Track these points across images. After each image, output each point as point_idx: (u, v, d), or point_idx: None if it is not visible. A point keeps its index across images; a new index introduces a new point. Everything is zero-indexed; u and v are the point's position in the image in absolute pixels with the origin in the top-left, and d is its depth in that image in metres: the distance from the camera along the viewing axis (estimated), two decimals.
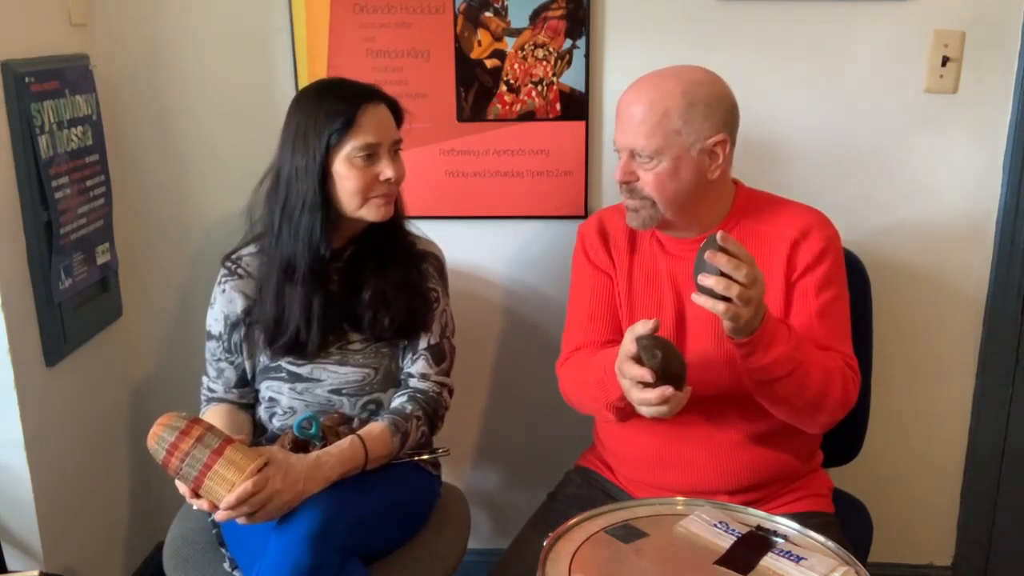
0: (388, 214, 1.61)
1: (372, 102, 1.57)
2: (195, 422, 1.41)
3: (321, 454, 1.50)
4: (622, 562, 1.25)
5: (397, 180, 1.59)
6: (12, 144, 1.68)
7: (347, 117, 1.53)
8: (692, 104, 1.47)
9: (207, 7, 2.02)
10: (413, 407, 1.62)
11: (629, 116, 1.49)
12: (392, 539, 1.64)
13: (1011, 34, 1.92)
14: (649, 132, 1.47)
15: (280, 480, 1.41)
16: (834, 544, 1.27)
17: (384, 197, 1.59)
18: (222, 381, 1.70)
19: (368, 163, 1.56)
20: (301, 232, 1.57)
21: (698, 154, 1.49)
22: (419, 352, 1.67)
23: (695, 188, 1.52)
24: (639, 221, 1.55)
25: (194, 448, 1.38)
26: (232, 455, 1.40)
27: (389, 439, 1.56)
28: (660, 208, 1.52)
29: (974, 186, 2.00)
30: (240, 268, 1.67)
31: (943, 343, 2.10)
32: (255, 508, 1.39)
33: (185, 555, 1.64)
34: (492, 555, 1.74)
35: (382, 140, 1.56)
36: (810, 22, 1.94)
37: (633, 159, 1.51)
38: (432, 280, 1.70)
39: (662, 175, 1.49)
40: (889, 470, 2.17)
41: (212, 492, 1.40)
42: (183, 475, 1.40)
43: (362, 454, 1.53)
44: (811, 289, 1.52)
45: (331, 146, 1.54)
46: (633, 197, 1.53)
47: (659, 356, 1.32)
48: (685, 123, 1.47)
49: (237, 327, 1.67)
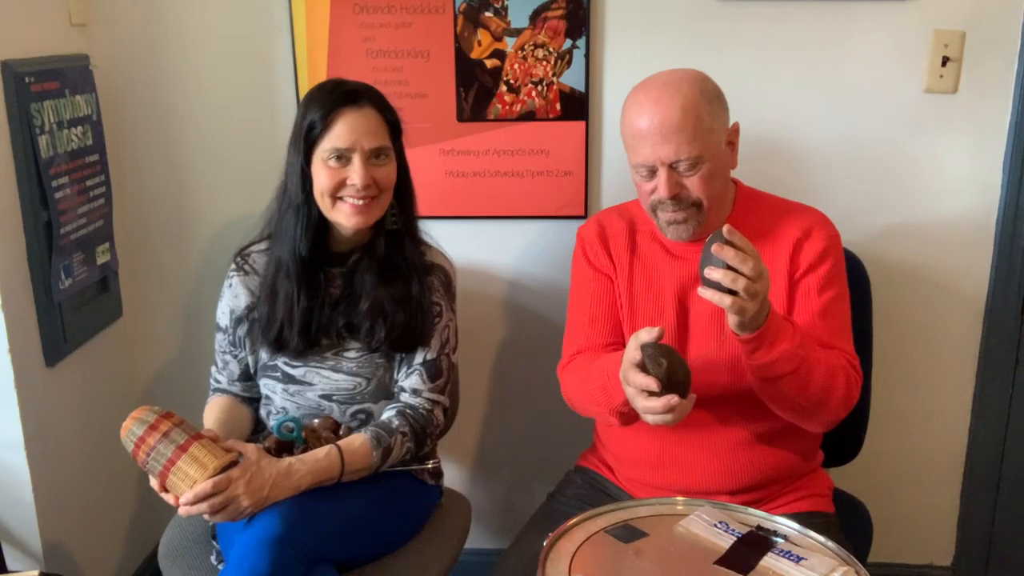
0: (361, 223, 1.58)
1: (354, 105, 1.55)
2: (165, 417, 1.41)
3: (294, 461, 1.48)
4: (622, 562, 1.25)
5: (365, 186, 1.54)
6: (12, 144, 1.68)
7: (323, 117, 1.54)
8: (710, 100, 1.48)
9: (207, 7, 2.02)
10: (400, 422, 1.59)
11: (660, 127, 1.45)
12: (374, 547, 1.62)
13: (1011, 34, 1.92)
14: (690, 138, 1.45)
15: (243, 485, 1.41)
16: (834, 544, 1.27)
17: (354, 204, 1.56)
18: (226, 373, 1.71)
19: (339, 165, 1.55)
20: (286, 231, 1.59)
21: (725, 147, 1.51)
22: (414, 366, 1.65)
23: (725, 184, 1.54)
24: (688, 231, 1.53)
25: (160, 443, 1.39)
26: (197, 452, 1.39)
27: (369, 452, 1.54)
28: (705, 211, 1.51)
29: (974, 186, 2.00)
30: (248, 264, 1.68)
31: (943, 343, 2.10)
32: (214, 509, 1.39)
33: (179, 548, 1.66)
34: (492, 555, 1.74)
35: (353, 145, 1.54)
36: (810, 22, 1.94)
37: (673, 170, 1.48)
38: (436, 294, 1.67)
39: (705, 177, 1.48)
40: (889, 470, 2.17)
41: (175, 487, 1.40)
42: (149, 469, 1.41)
43: (338, 466, 1.51)
44: (814, 288, 1.53)
45: (310, 145, 1.56)
46: (680, 208, 1.51)
47: (664, 364, 1.31)
48: (713, 120, 1.48)
49: (241, 322, 1.68)
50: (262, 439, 1.60)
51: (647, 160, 1.48)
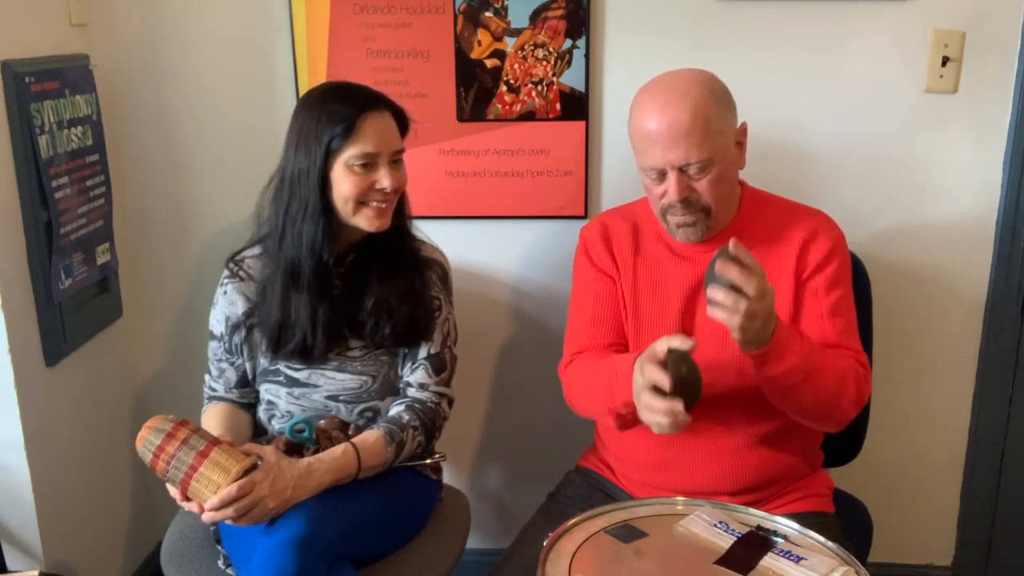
0: (383, 225, 1.58)
1: (375, 110, 1.55)
2: (182, 424, 1.41)
3: (313, 461, 1.49)
4: (622, 562, 1.25)
5: (394, 190, 1.56)
6: (12, 144, 1.68)
7: (348, 123, 1.52)
8: (719, 102, 1.47)
9: (207, 7, 2.02)
10: (410, 417, 1.61)
11: (669, 131, 1.45)
12: (385, 544, 1.63)
13: (1011, 34, 1.92)
14: (700, 141, 1.44)
15: (267, 486, 1.41)
16: (834, 544, 1.27)
17: (378, 207, 1.56)
18: (223, 381, 1.70)
19: (365, 171, 1.54)
20: (304, 238, 1.56)
21: (734, 148, 1.51)
22: (419, 361, 1.66)
23: (734, 185, 1.54)
24: (697, 234, 1.53)
25: (179, 451, 1.38)
26: (218, 457, 1.39)
27: (384, 448, 1.55)
28: (714, 214, 1.51)
29: (974, 186, 2.00)
30: (242, 270, 1.67)
31: (943, 343, 2.10)
32: (240, 512, 1.39)
33: (182, 551, 1.65)
34: (492, 555, 1.74)
35: (382, 150, 1.54)
36: (810, 22, 1.94)
37: (683, 174, 1.47)
38: (435, 288, 1.68)
39: (715, 180, 1.48)
40: (889, 470, 2.17)
41: (198, 494, 1.40)
42: (170, 478, 1.40)
43: (355, 463, 1.52)
44: (821, 288, 1.53)
45: (331, 151, 1.53)
46: (689, 211, 1.50)
47: (684, 372, 1.32)
48: (722, 121, 1.47)
49: (238, 329, 1.67)
50: (265, 442, 1.60)
51: (657, 163, 1.48)
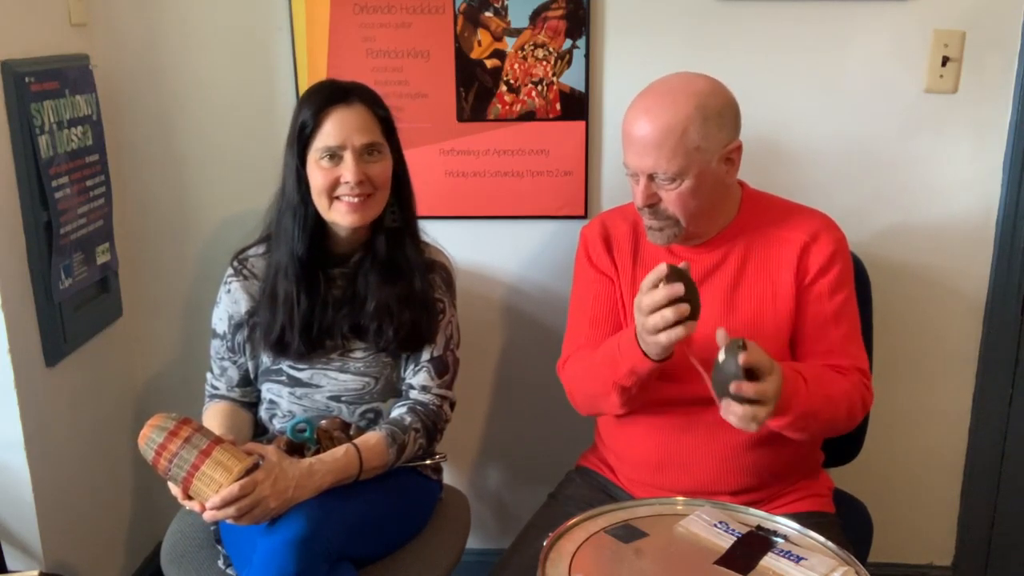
0: (357, 221, 1.57)
1: (343, 103, 1.55)
2: (184, 423, 1.41)
3: (314, 462, 1.49)
4: (622, 562, 1.25)
5: (359, 183, 1.54)
6: (12, 144, 1.68)
7: (313, 119, 1.55)
8: (707, 118, 1.44)
9: (207, 7, 2.02)
10: (412, 419, 1.61)
11: (643, 139, 1.45)
12: (386, 544, 1.63)
13: (1011, 34, 1.92)
14: (670, 155, 1.43)
15: (269, 486, 1.41)
16: (834, 544, 1.27)
17: (350, 202, 1.56)
18: (224, 379, 1.70)
19: (332, 164, 1.55)
20: (284, 233, 1.60)
21: (717, 164, 1.47)
22: (421, 364, 1.66)
23: (716, 198, 1.52)
24: (664, 239, 1.54)
25: (182, 449, 1.38)
26: (220, 456, 1.39)
27: (385, 450, 1.55)
28: (683, 225, 1.51)
29: (974, 186, 2.00)
30: (246, 269, 1.68)
31: (943, 343, 2.10)
32: (241, 512, 1.39)
33: (182, 551, 1.65)
34: (493, 555, 1.74)
35: (344, 143, 1.54)
36: (810, 22, 1.94)
37: (652, 181, 1.48)
38: (439, 291, 1.68)
39: (685, 193, 1.47)
40: (889, 470, 2.17)
41: (200, 493, 1.40)
42: (172, 476, 1.40)
43: (356, 464, 1.52)
44: (825, 292, 1.53)
45: (304, 147, 1.56)
46: (657, 218, 1.51)
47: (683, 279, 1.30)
48: (704, 138, 1.44)
49: (241, 327, 1.67)
50: (266, 441, 1.60)
51: (630, 166, 1.50)
